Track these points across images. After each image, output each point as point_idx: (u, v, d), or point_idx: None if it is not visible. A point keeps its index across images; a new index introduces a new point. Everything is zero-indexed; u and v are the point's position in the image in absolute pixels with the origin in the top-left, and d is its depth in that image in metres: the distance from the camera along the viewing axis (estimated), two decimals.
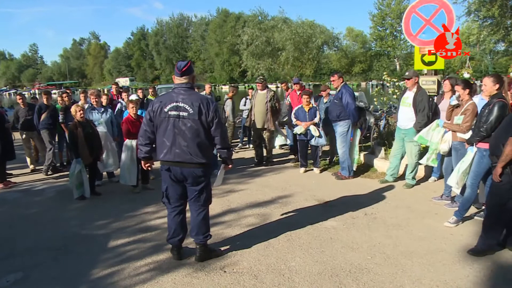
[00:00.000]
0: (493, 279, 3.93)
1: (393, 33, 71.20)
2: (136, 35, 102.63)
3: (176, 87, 4.09)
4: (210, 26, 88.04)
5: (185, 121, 3.97)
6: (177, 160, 4.03)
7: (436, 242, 4.76)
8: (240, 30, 53.61)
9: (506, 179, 4.14)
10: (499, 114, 4.65)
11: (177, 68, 4.08)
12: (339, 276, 3.98)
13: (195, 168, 4.07)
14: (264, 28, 45.27)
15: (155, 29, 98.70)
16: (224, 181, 7.44)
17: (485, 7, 15.77)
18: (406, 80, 6.87)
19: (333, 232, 5.09)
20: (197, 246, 4.38)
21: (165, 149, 4.04)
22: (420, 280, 3.90)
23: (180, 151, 4.00)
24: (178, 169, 4.08)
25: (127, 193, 7.06)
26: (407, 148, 6.97)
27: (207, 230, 4.39)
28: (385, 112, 11.57)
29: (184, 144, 3.99)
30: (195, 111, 3.95)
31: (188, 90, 4.06)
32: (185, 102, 3.97)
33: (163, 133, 4.04)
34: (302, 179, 7.87)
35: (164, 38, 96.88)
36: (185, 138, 3.98)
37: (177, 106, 3.97)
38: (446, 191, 6.18)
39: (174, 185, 4.22)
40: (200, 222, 4.31)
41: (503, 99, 4.75)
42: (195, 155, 4.01)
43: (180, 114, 3.97)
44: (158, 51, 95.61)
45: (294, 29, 43.99)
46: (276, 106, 8.80)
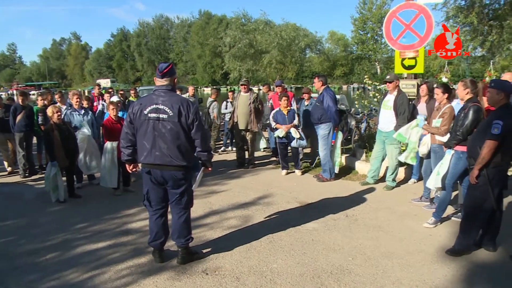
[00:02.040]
0: (470, 278, 4.02)
1: (374, 37, 71.91)
2: (118, 36, 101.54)
3: (157, 89, 4.06)
4: (192, 28, 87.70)
5: (165, 123, 3.94)
6: (157, 162, 4.00)
7: (415, 243, 4.84)
8: (222, 32, 53.54)
9: (483, 181, 4.24)
10: (474, 118, 4.80)
11: (158, 69, 4.05)
12: (320, 278, 4.02)
13: (175, 171, 4.04)
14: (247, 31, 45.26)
15: (137, 30, 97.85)
16: (206, 183, 7.48)
17: (463, 14, 16.07)
18: (387, 83, 6.98)
19: (315, 234, 5.13)
20: (179, 249, 4.36)
21: (145, 152, 4.01)
22: (400, 280, 3.96)
23: (160, 154, 3.97)
24: (158, 172, 4.05)
25: (108, 196, 6.98)
26: (388, 150, 7.06)
27: (188, 233, 4.37)
28: (366, 115, 11.69)
29: (164, 147, 3.96)
30: (175, 113, 3.92)
31: (169, 92, 4.04)
32: (165, 104, 3.94)
33: (143, 136, 4.01)
34: (284, 181, 7.90)
35: (146, 40, 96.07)
36: (165, 140, 3.96)
37: (157, 108, 3.94)
38: (425, 192, 6.29)
39: (155, 188, 4.19)
40: (181, 225, 4.29)
41: (477, 103, 4.89)
42: (175, 157, 3.99)
43: (160, 117, 3.94)
44: (140, 52, 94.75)
45: (278, 32, 44.11)
46: (259, 107, 8.84)
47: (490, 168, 4.21)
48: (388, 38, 8.33)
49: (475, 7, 15.62)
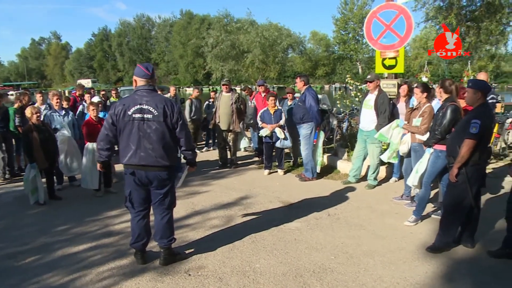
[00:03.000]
0: (449, 274, 4.09)
1: (355, 37, 72.53)
2: (98, 35, 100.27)
3: (139, 89, 4.02)
4: (174, 28, 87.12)
5: (150, 123, 3.92)
6: (142, 163, 3.97)
7: (396, 241, 4.90)
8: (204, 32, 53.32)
9: (462, 179, 4.31)
10: (452, 117, 4.89)
11: (145, 70, 4.02)
12: (303, 277, 4.03)
13: (160, 171, 4.03)
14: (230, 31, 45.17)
15: (118, 30, 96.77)
16: (188, 183, 7.44)
17: (442, 15, 16.34)
18: (368, 83, 7.05)
19: (297, 233, 5.15)
20: (161, 250, 4.34)
21: (130, 152, 3.97)
22: (381, 278, 4.00)
23: (146, 154, 3.95)
24: (143, 173, 4.02)
25: (89, 197, 6.89)
26: (369, 149, 7.12)
27: (171, 234, 4.35)
28: (347, 114, 11.78)
29: (150, 147, 3.94)
30: (160, 113, 3.92)
31: (151, 92, 4.02)
32: (149, 104, 3.92)
33: (127, 137, 3.96)
34: (266, 181, 7.92)
35: (128, 39, 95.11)
36: (150, 140, 3.94)
37: (141, 108, 3.91)
38: (406, 191, 6.36)
39: (138, 189, 4.15)
40: (164, 226, 4.26)
41: (455, 102, 4.98)
42: (161, 157, 3.97)
43: (144, 117, 3.91)
44: (121, 52, 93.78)
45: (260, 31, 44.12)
46: (241, 107, 8.83)
47: (469, 167, 4.29)
48: (369, 38, 8.41)
49: (453, 8, 15.91)
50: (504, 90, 53.94)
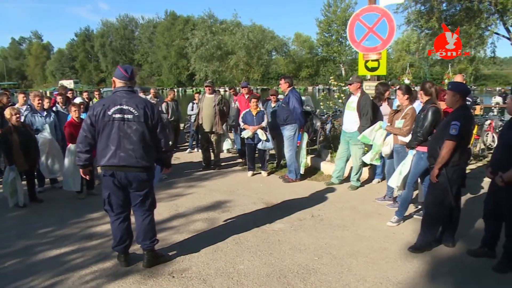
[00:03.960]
0: (431, 272, 4.15)
1: (338, 39, 73.10)
2: (80, 36, 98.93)
3: (118, 90, 4.01)
4: (158, 29, 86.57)
5: (130, 123, 3.90)
6: (122, 164, 3.92)
7: (379, 241, 4.95)
8: (188, 33, 53.16)
9: (443, 180, 4.39)
10: (433, 119, 4.99)
11: (124, 71, 4.01)
12: (287, 277, 4.05)
13: (140, 172, 4.00)
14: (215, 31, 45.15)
15: (100, 30, 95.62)
16: (172, 185, 7.41)
17: (424, 19, 16.59)
18: (349, 85, 7.12)
19: (281, 234, 5.17)
20: (144, 251, 4.30)
21: (109, 153, 3.92)
22: (364, 278, 4.04)
23: (126, 155, 3.91)
24: (122, 174, 3.98)
25: (71, 200, 6.81)
26: (352, 151, 7.18)
27: (153, 235, 4.33)
28: (331, 116, 11.84)
29: (130, 148, 3.91)
30: (141, 114, 3.92)
31: (131, 93, 4.02)
32: (130, 105, 3.91)
33: (107, 137, 3.92)
34: (250, 182, 7.92)
35: (110, 40, 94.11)
36: (130, 141, 3.91)
37: (121, 109, 3.89)
38: (389, 192, 6.42)
39: (117, 191, 4.09)
40: (146, 227, 4.24)
41: (435, 104, 5.08)
42: (141, 158, 3.95)
43: (125, 117, 3.89)
44: (104, 53, 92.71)
45: (245, 33, 44.20)
46: (224, 109, 8.83)
47: (449, 167, 4.36)
48: (352, 41, 8.49)
49: (434, 12, 16.16)
50: (483, 92, 55.00)
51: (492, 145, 9.47)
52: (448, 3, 16.75)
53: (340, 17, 69.45)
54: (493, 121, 10.54)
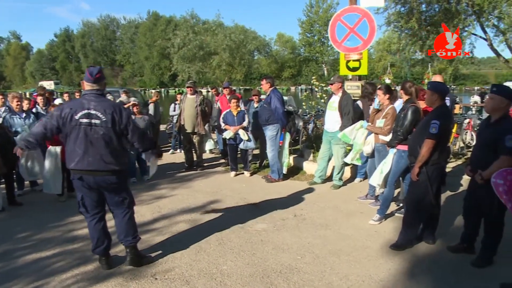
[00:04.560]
0: (412, 270, 4.21)
1: (321, 39, 73.43)
2: (61, 36, 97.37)
3: (86, 93, 3.95)
4: (139, 29, 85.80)
5: (98, 129, 3.85)
6: (90, 168, 3.89)
7: (361, 240, 4.99)
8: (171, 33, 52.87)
9: (423, 178, 4.45)
10: (413, 118, 5.07)
11: (89, 74, 3.93)
12: (270, 277, 4.05)
13: (109, 176, 3.96)
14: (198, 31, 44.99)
15: (81, 31, 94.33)
16: (154, 187, 7.36)
17: (404, 19, 16.78)
18: (330, 85, 7.18)
19: (264, 234, 5.17)
20: (127, 249, 4.28)
21: (77, 158, 3.88)
22: (347, 276, 4.07)
23: (93, 159, 3.87)
24: (91, 178, 3.94)
25: (52, 202, 6.69)
26: (334, 150, 7.23)
27: (135, 231, 4.32)
28: (313, 115, 11.90)
29: (98, 152, 3.87)
30: (108, 119, 3.85)
31: (99, 97, 3.95)
32: (97, 110, 3.85)
33: (74, 141, 3.87)
34: (233, 183, 7.91)
35: (92, 40, 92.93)
36: (98, 146, 3.87)
37: (88, 113, 3.84)
38: (371, 190, 6.48)
39: (89, 192, 4.06)
40: (127, 224, 4.23)
41: (415, 104, 5.16)
42: (109, 162, 3.91)
43: (92, 122, 3.84)
44: (85, 53, 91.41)
45: (228, 34, 44.17)
46: (206, 110, 8.81)
47: (429, 166, 4.42)
48: (333, 41, 8.54)
49: (414, 13, 16.36)
50: (462, 92, 55.93)
51: (471, 143, 9.62)
52: (427, 4, 16.97)
53: (322, 17, 69.76)
54: (471, 119, 10.72)
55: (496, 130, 3.92)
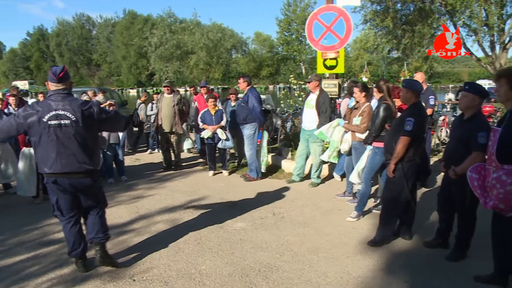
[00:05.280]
0: (389, 265, 4.27)
1: (298, 38, 73.81)
2: (34, 35, 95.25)
3: (52, 94, 3.83)
4: (116, 28, 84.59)
5: (68, 129, 3.76)
6: (65, 170, 3.81)
7: (340, 237, 5.03)
8: (148, 32, 52.34)
9: (399, 175, 4.51)
10: (383, 115, 5.22)
11: (52, 74, 3.82)
12: (249, 276, 4.06)
13: (84, 178, 3.92)
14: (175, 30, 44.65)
15: (56, 29, 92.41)
16: (132, 187, 7.29)
17: (379, 18, 16.99)
18: (308, 83, 7.23)
19: (243, 233, 5.17)
20: (97, 247, 4.18)
21: (50, 161, 3.78)
22: (326, 273, 4.10)
23: (67, 161, 3.79)
24: (66, 180, 3.86)
25: (27, 205, 6.53)
26: (312, 148, 7.27)
27: (107, 228, 4.31)
28: (291, 114, 11.96)
29: (71, 153, 3.79)
30: (78, 117, 3.77)
31: (67, 97, 3.84)
32: (66, 110, 3.75)
33: (45, 145, 3.76)
34: (211, 182, 7.88)
35: (67, 39, 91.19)
36: (70, 146, 3.78)
37: (57, 114, 3.73)
38: (348, 188, 6.54)
39: (64, 195, 3.99)
40: (99, 221, 4.21)
41: (386, 101, 5.27)
42: (84, 162, 3.85)
43: (61, 123, 3.74)
44: (60, 52, 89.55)
45: (204, 32, 43.96)
46: (184, 109, 8.75)
47: (405, 163, 4.50)
48: (310, 39, 8.57)
49: (389, 12, 16.58)
50: (437, 89, 56.99)
51: (446, 140, 9.81)
52: (402, 4, 17.23)
53: (300, 16, 70.10)
54: (446, 116, 10.95)
55: (469, 127, 4.00)
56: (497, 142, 3.33)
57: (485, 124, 4.04)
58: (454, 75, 73.38)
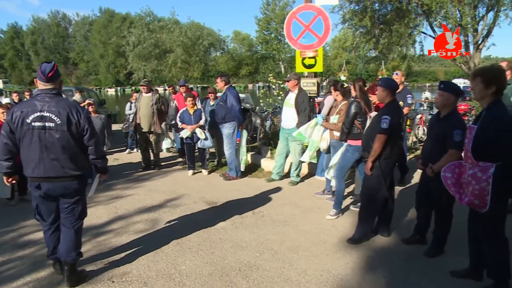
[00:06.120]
0: (369, 262, 4.31)
1: (277, 37, 74.05)
2: (8, 32, 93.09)
3: (40, 93, 3.61)
4: (94, 26, 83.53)
5: (52, 132, 3.56)
6: (48, 175, 3.63)
7: (319, 235, 5.06)
8: (126, 31, 51.75)
9: (376, 172, 4.57)
10: (354, 112, 5.42)
11: (41, 72, 3.58)
12: (229, 275, 4.04)
13: (69, 182, 3.72)
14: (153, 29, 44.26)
15: (31, 27, 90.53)
16: (111, 187, 7.18)
17: (358, 17, 17.18)
18: (286, 82, 7.26)
19: (223, 232, 5.15)
20: (66, 266, 3.86)
21: (33, 164, 3.61)
22: (305, 271, 4.11)
23: (50, 165, 3.61)
24: (50, 185, 3.67)
25: (2, 207, 6.37)
26: (291, 147, 7.29)
27: (79, 247, 3.98)
28: (270, 113, 11.98)
29: (54, 157, 3.60)
30: (64, 121, 3.55)
31: (55, 97, 3.62)
32: (51, 112, 3.54)
33: (28, 147, 3.59)
34: (191, 181, 7.84)
35: (42, 37, 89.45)
36: (54, 151, 3.59)
37: (41, 116, 3.53)
38: (328, 186, 6.58)
39: (45, 202, 3.80)
40: (73, 237, 3.88)
41: (357, 99, 5.48)
42: (68, 168, 3.66)
43: (46, 125, 3.54)
44: (36, 51, 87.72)
45: (183, 30, 43.68)
46: (162, 108, 8.69)
47: (382, 160, 4.55)
48: (289, 38, 8.60)
49: (367, 11, 16.78)
50: (414, 88, 57.95)
51: (423, 138, 9.96)
52: (380, 3, 17.46)
53: (279, 15, 70.32)
54: (423, 115, 11.12)
55: (445, 125, 4.08)
56: (473, 140, 3.39)
57: (461, 122, 4.13)
58: (430, 74, 74.81)
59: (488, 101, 3.42)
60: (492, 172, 3.24)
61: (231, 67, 73.50)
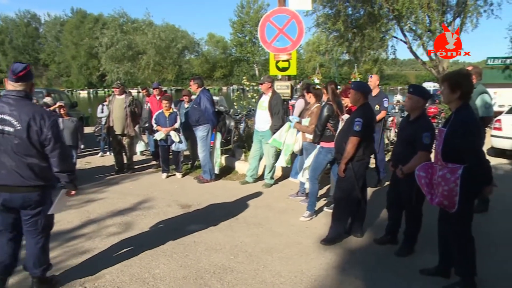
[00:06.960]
0: (342, 263, 4.37)
1: (252, 39, 74.31)
2: None
3: (6, 94, 3.35)
4: (65, 27, 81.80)
5: (11, 137, 3.28)
6: (5, 183, 3.33)
7: (293, 236, 5.10)
8: (98, 32, 50.98)
9: (349, 174, 4.64)
10: (326, 115, 5.49)
11: (11, 71, 3.34)
12: (203, 278, 4.03)
13: (28, 193, 3.41)
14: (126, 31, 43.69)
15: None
16: (83, 191, 7.03)
17: (331, 21, 17.42)
18: (260, 85, 7.30)
19: (197, 235, 5.13)
20: (34, 279, 3.68)
21: None
22: (280, 273, 4.14)
23: (7, 173, 3.32)
24: (7, 195, 3.36)
25: None
26: (265, 149, 7.33)
27: (46, 261, 3.73)
28: (244, 115, 12.00)
29: (12, 164, 3.32)
30: (24, 128, 3.27)
31: (21, 100, 3.35)
32: (13, 116, 3.28)
33: None
34: (165, 184, 7.79)
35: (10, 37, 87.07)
36: (12, 157, 3.31)
37: (2, 119, 3.28)
38: (301, 188, 6.62)
39: (4, 212, 3.46)
40: (38, 252, 3.61)
41: (329, 102, 5.56)
42: (27, 177, 3.36)
43: (4, 129, 3.28)
44: (3, 51, 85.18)
45: (156, 32, 43.28)
46: (136, 110, 8.60)
47: (355, 162, 4.63)
48: (263, 41, 8.64)
49: (340, 15, 17.04)
50: (386, 91, 58.95)
51: (395, 140, 10.14)
52: (353, 8, 17.75)
53: (253, 18, 70.61)
54: (395, 117, 11.34)
55: (414, 128, 4.19)
56: (443, 142, 3.49)
57: (430, 125, 4.26)
58: (402, 77, 76.43)
59: (456, 105, 3.53)
60: (460, 174, 3.34)
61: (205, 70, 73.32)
